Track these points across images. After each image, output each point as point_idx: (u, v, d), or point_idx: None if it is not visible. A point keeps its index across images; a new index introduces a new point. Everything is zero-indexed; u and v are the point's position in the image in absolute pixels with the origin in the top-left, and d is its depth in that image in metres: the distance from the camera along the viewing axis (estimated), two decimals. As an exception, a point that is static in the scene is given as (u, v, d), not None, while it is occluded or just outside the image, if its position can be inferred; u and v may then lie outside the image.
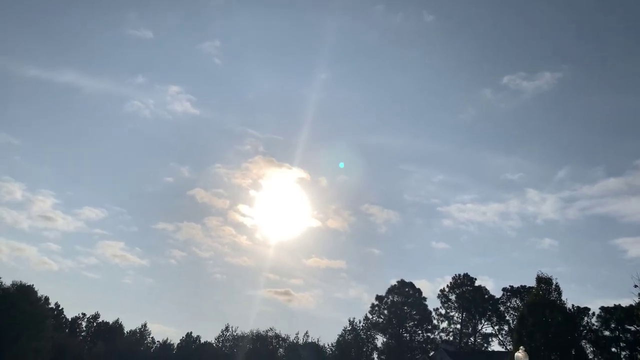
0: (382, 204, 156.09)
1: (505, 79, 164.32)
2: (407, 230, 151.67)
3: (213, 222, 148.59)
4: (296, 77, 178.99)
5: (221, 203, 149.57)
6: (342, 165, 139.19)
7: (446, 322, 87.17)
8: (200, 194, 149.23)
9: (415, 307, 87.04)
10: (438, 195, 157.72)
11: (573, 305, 65.65)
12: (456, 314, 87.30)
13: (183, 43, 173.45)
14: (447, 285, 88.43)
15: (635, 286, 35.64)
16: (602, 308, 69.84)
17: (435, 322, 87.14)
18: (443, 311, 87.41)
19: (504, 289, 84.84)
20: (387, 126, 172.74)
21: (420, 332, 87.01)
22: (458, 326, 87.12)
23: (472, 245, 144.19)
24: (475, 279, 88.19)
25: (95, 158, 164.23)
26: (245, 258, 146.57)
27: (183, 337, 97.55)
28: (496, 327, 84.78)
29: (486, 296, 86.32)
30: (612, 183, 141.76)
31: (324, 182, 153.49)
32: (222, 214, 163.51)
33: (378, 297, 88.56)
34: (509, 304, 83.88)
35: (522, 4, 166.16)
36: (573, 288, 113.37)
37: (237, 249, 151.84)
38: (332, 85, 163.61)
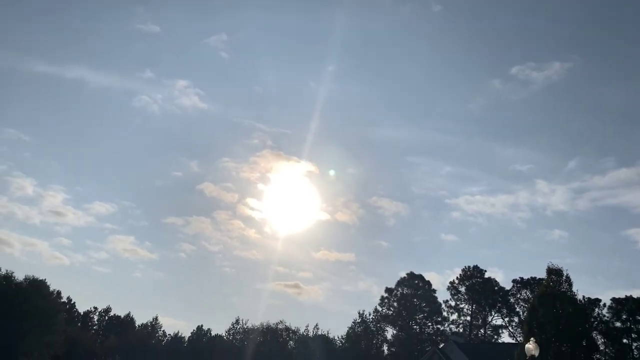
0: (390, 197, 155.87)
1: (514, 70, 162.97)
2: (415, 222, 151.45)
3: (222, 215, 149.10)
4: (304, 69, 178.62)
5: (230, 197, 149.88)
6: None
7: (456, 314, 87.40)
8: (209, 188, 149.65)
9: (424, 299, 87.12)
10: (446, 187, 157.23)
11: (584, 296, 65.64)
12: (466, 306, 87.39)
13: (190, 37, 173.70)
14: (457, 277, 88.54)
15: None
16: (613, 299, 69.63)
17: (445, 314, 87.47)
18: (453, 303, 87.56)
19: (513, 281, 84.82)
20: (395, 118, 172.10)
21: (430, 324, 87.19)
22: (468, 318, 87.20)
23: (481, 237, 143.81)
24: (485, 270, 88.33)
25: (105, 153, 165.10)
26: (254, 251, 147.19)
27: (194, 330, 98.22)
28: (506, 319, 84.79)
29: (496, 288, 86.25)
30: (623, 173, 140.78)
31: (332, 175, 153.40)
32: (231, 208, 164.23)
33: (388, 290, 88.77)
34: (519, 295, 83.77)
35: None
36: (584, 279, 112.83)
37: (246, 243, 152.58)
38: (339, 78, 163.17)
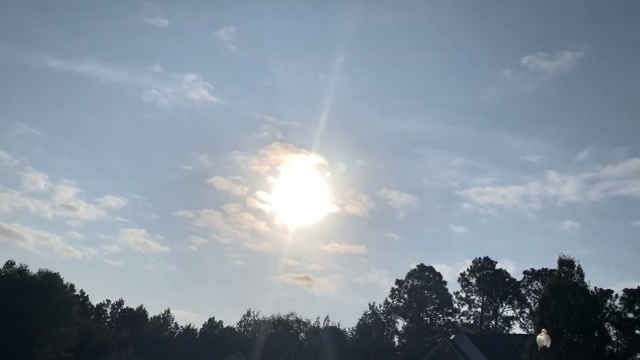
0: (400, 189, 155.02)
1: (524, 60, 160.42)
2: (426, 214, 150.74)
3: (232, 208, 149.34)
4: (313, 62, 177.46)
5: (240, 190, 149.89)
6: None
7: (467, 305, 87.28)
8: (219, 182, 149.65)
9: (435, 291, 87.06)
10: (457, 179, 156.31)
11: (596, 287, 65.20)
12: (477, 298, 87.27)
13: (198, 30, 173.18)
14: (468, 269, 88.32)
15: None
16: (626, 290, 69.20)
17: (455, 305, 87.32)
18: (463, 295, 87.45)
19: (525, 272, 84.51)
20: (404, 109, 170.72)
21: (440, 315, 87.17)
22: (479, 309, 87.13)
23: (492, 228, 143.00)
24: (496, 262, 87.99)
25: (115, 147, 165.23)
26: (264, 244, 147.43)
27: (206, 322, 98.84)
28: (517, 310, 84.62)
29: (507, 279, 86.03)
30: (635, 164, 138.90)
31: (342, 167, 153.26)
32: (241, 201, 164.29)
33: (398, 282, 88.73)
34: (530, 287, 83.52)
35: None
36: (595, 270, 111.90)
37: (256, 235, 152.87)
38: (349, 70, 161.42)
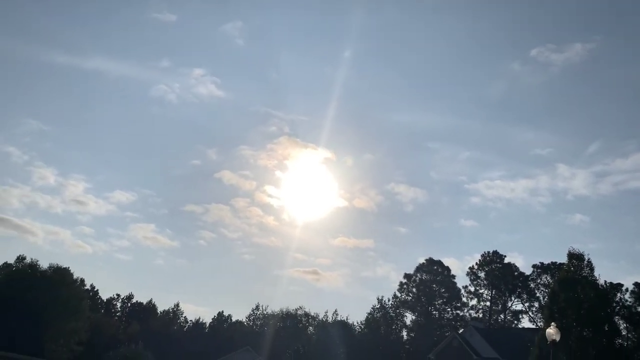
0: (408, 183, 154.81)
1: (533, 52, 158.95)
2: (434, 208, 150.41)
3: (240, 203, 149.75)
4: (320, 55, 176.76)
5: (248, 184, 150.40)
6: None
7: (475, 299, 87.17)
8: (227, 176, 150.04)
9: (444, 284, 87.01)
10: (465, 173, 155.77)
11: (605, 281, 64.61)
12: (485, 292, 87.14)
13: (206, 25, 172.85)
14: (476, 263, 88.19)
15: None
16: (636, 284, 68.67)
17: (464, 299, 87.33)
18: (472, 289, 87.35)
19: (534, 266, 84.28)
20: (412, 103, 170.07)
21: (449, 309, 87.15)
22: (487, 303, 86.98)
23: (500, 222, 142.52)
24: (505, 256, 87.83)
25: (124, 142, 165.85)
26: (272, 238, 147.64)
27: (215, 316, 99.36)
28: (526, 304, 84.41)
29: (516, 273, 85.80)
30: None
31: (349, 161, 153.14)
32: (249, 195, 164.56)
33: (406, 275, 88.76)
34: (539, 280, 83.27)
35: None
36: (605, 264, 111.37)
37: (264, 230, 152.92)
38: (356, 63, 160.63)
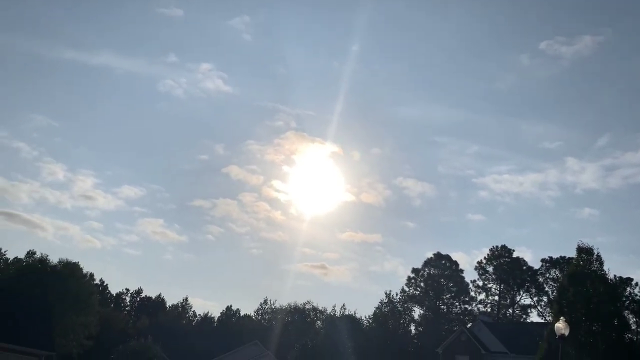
0: (416, 177, 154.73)
1: (542, 45, 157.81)
2: (442, 202, 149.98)
3: (248, 198, 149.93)
4: (327, 50, 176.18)
5: (255, 179, 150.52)
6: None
7: (484, 293, 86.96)
8: (235, 171, 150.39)
9: (452, 279, 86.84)
10: (473, 167, 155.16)
11: (615, 275, 64.42)
12: (494, 286, 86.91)
13: (213, 20, 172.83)
14: (485, 257, 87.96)
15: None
16: (646, 278, 68.48)
17: (472, 294, 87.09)
18: (480, 283, 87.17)
19: (542, 260, 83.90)
20: (420, 97, 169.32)
21: (457, 304, 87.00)
22: (496, 298, 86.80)
23: (509, 216, 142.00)
24: (513, 250, 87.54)
25: (131, 138, 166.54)
26: (280, 233, 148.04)
27: (223, 310, 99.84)
28: (535, 299, 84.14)
29: (524, 267, 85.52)
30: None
31: (357, 156, 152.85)
32: (257, 190, 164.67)
33: (414, 270, 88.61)
34: (548, 275, 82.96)
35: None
36: (615, 258, 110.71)
37: (272, 224, 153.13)
38: (364, 57, 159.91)
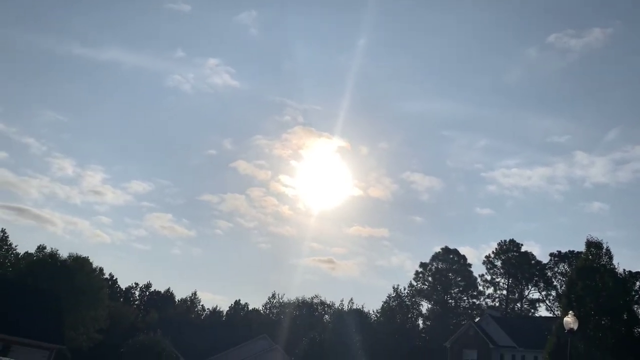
0: (424, 171, 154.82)
1: (551, 38, 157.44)
2: (450, 197, 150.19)
3: (256, 193, 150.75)
4: (334, 44, 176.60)
5: (263, 174, 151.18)
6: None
7: (492, 288, 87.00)
8: (243, 166, 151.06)
9: (460, 273, 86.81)
10: (482, 161, 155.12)
11: (624, 269, 64.07)
12: (502, 280, 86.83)
13: (220, 15, 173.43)
14: (493, 252, 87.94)
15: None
16: (656, 272, 67.95)
17: (480, 288, 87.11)
18: (488, 277, 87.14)
19: (551, 254, 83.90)
20: (428, 91, 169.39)
21: (465, 298, 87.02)
22: (504, 292, 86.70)
23: (517, 210, 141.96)
24: (522, 244, 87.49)
25: (140, 133, 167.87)
26: (288, 227, 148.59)
27: (232, 304, 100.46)
28: (543, 293, 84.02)
29: (533, 262, 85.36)
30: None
31: (364, 150, 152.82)
32: (265, 185, 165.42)
33: (422, 264, 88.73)
34: (556, 269, 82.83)
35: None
36: (625, 252, 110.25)
37: (279, 219, 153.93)
38: (371, 52, 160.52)
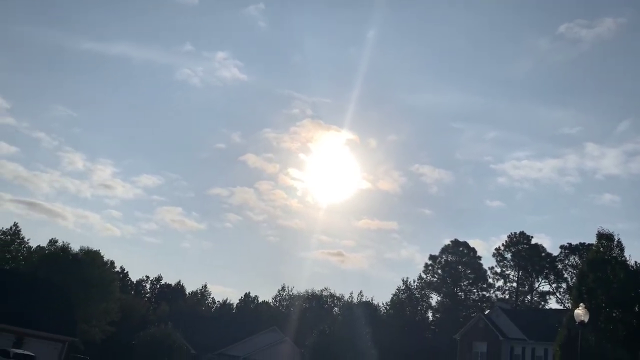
0: (433, 164, 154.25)
1: (562, 28, 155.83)
2: (459, 189, 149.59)
3: (265, 186, 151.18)
4: (343, 36, 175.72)
5: (272, 167, 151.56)
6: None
7: (502, 280, 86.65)
8: (252, 159, 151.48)
9: (469, 266, 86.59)
10: (491, 153, 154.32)
11: (636, 262, 63.72)
12: (512, 273, 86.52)
13: (228, 8, 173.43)
14: (503, 244, 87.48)
15: None
16: (668, 264, 67.42)
17: (490, 280, 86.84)
18: (498, 270, 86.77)
19: (561, 247, 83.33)
20: (437, 83, 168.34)
21: (475, 290, 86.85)
22: (514, 284, 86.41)
23: (527, 203, 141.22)
24: (532, 237, 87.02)
25: (149, 127, 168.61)
26: (297, 221, 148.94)
27: (241, 297, 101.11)
28: (554, 285, 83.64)
29: (543, 254, 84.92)
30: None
31: (373, 143, 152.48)
32: (273, 178, 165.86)
33: (432, 257, 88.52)
34: (567, 261, 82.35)
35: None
36: (636, 245, 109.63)
37: (288, 212, 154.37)
38: (380, 44, 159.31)
